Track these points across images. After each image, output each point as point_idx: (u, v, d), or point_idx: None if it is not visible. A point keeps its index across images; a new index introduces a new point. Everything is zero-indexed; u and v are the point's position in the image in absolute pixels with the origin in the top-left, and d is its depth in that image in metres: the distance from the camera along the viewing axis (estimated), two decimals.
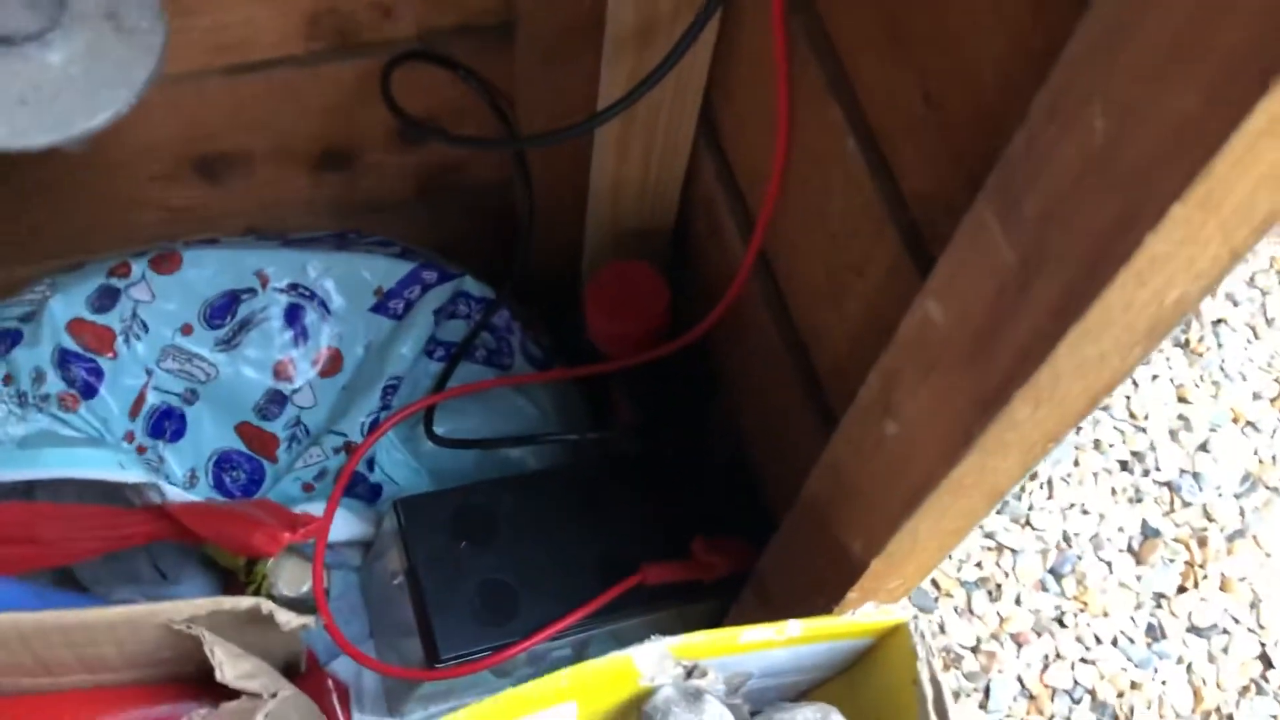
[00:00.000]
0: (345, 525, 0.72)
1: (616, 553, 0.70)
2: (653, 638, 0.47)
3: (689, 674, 0.48)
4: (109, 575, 0.75)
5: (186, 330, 0.75)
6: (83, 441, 0.70)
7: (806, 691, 0.55)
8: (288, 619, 0.58)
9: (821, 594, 0.55)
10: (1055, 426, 0.40)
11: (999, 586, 1.13)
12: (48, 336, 0.73)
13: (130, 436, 0.74)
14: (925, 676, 0.46)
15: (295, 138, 0.77)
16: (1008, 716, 1.08)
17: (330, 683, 0.72)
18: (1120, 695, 1.09)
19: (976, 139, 0.46)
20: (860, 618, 0.48)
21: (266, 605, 0.58)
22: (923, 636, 0.48)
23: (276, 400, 0.77)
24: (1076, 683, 1.10)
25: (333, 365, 0.79)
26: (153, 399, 0.75)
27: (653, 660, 0.47)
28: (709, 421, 0.78)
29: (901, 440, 0.45)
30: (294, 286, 0.77)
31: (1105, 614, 1.12)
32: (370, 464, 0.77)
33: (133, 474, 0.66)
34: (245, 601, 0.57)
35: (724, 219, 0.72)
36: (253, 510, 0.65)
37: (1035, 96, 0.33)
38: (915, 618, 0.48)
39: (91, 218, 0.78)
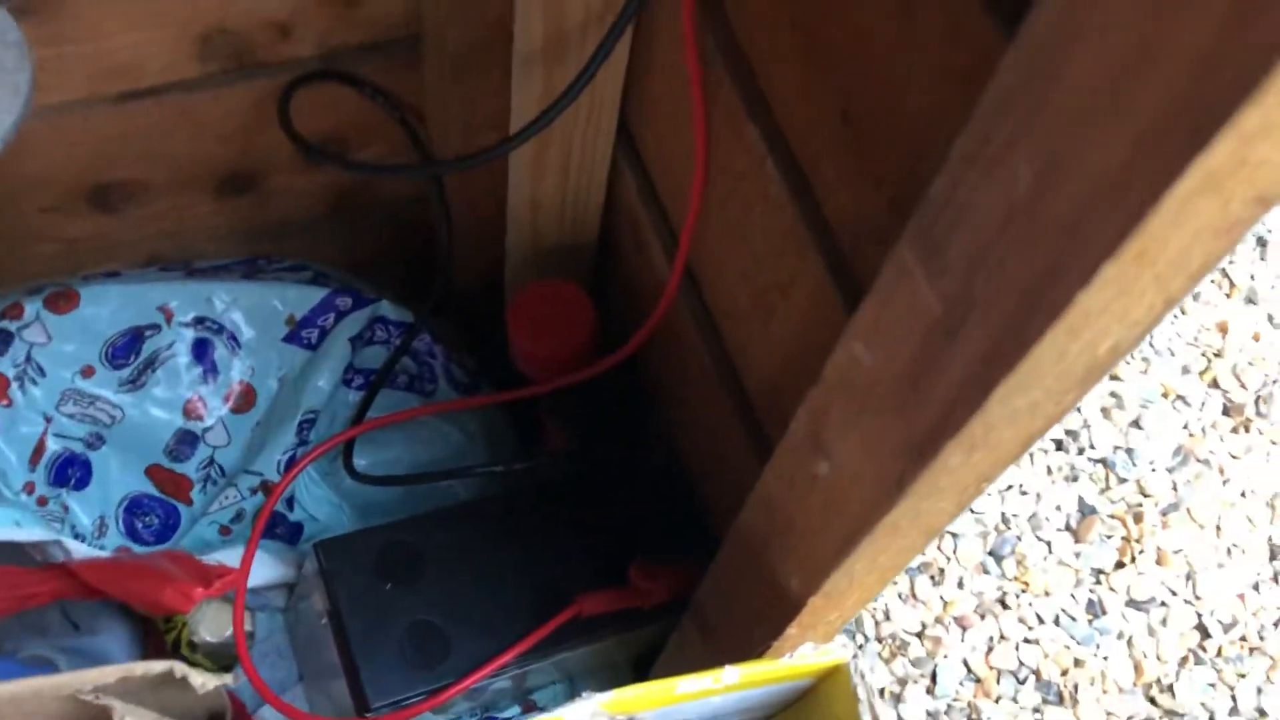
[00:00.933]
0: (265, 569, 0.69)
1: (551, 584, 0.68)
2: (583, 695, 0.45)
3: None
4: (17, 630, 0.71)
5: (87, 372, 0.72)
6: None
7: None
8: (203, 682, 0.55)
9: (759, 628, 0.54)
10: (989, 469, 0.38)
11: (941, 571, 1.13)
12: None
13: (30, 487, 0.70)
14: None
15: (194, 163, 0.73)
16: (955, 700, 1.08)
17: None
18: (1064, 673, 1.10)
19: (898, 162, 0.44)
20: (798, 660, 0.47)
21: (180, 669, 0.55)
22: (863, 677, 0.46)
23: (187, 440, 0.74)
24: (1021, 663, 1.10)
25: (245, 400, 0.75)
26: (53, 446, 0.71)
27: (583, 719, 0.45)
28: (643, 439, 0.76)
29: (834, 481, 0.43)
30: (200, 320, 0.74)
31: (1046, 593, 1.13)
32: (290, 502, 0.74)
33: (30, 532, 0.63)
34: (157, 666, 0.54)
35: (648, 235, 0.69)
36: (163, 564, 0.62)
37: (956, 139, 0.31)
38: (855, 657, 0.46)
39: None
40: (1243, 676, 1.10)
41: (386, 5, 0.67)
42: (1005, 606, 1.12)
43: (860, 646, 1.06)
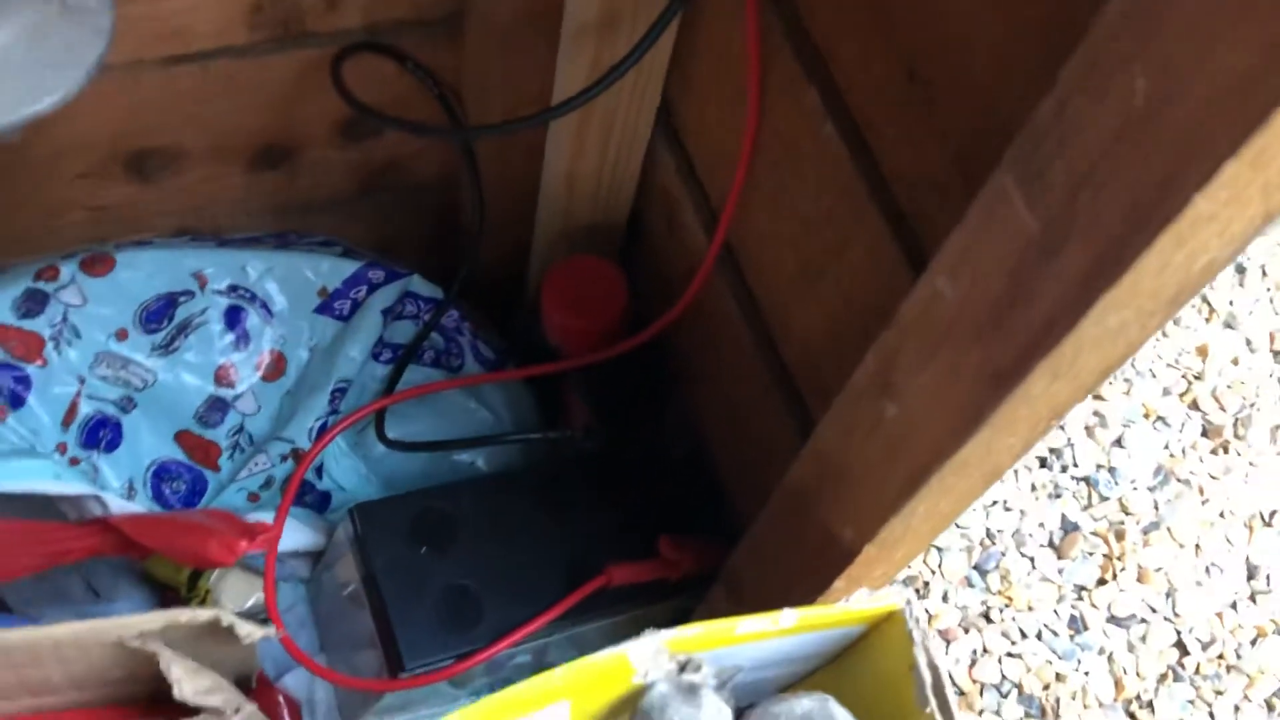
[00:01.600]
0: (295, 535, 0.69)
1: (580, 554, 0.69)
2: (647, 632, 0.46)
3: (682, 668, 0.47)
4: (37, 595, 0.71)
5: (121, 335, 0.72)
6: (12, 452, 0.66)
7: (796, 683, 0.54)
8: (249, 631, 0.55)
9: (803, 584, 0.55)
10: (1066, 401, 0.40)
11: (926, 584, 1.14)
12: None
13: (63, 448, 0.70)
14: (923, 661, 0.46)
15: (232, 133, 0.74)
16: None
17: (281, 698, 0.69)
18: (1046, 687, 1.11)
19: (966, 116, 0.46)
20: (854, 605, 0.48)
21: (227, 617, 0.55)
22: (917, 622, 0.47)
23: (218, 407, 0.74)
24: (1004, 677, 1.11)
25: (276, 369, 0.76)
26: (86, 408, 0.71)
27: (648, 655, 0.46)
28: (666, 417, 0.77)
29: (902, 421, 0.44)
30: (234, 288, 0.74)
31: (1029, 608, 1.14)
32: (319, 471, 0.74)
33: (71, 485, 0.63)
34: (204, 614, 0.55)
35: (684, 212, 0.71)
36: (203, 519, 0.62)
37: (1064, 64, 0.33)
38: (909, 603, 0.48)
39: (11, 222, 0.74)
40: (1220, 694, 1.12)
41: None
42: (989, 620, 1.13)
43: None
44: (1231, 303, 1.35)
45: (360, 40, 0.70)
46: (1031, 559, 1.17)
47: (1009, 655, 1.12)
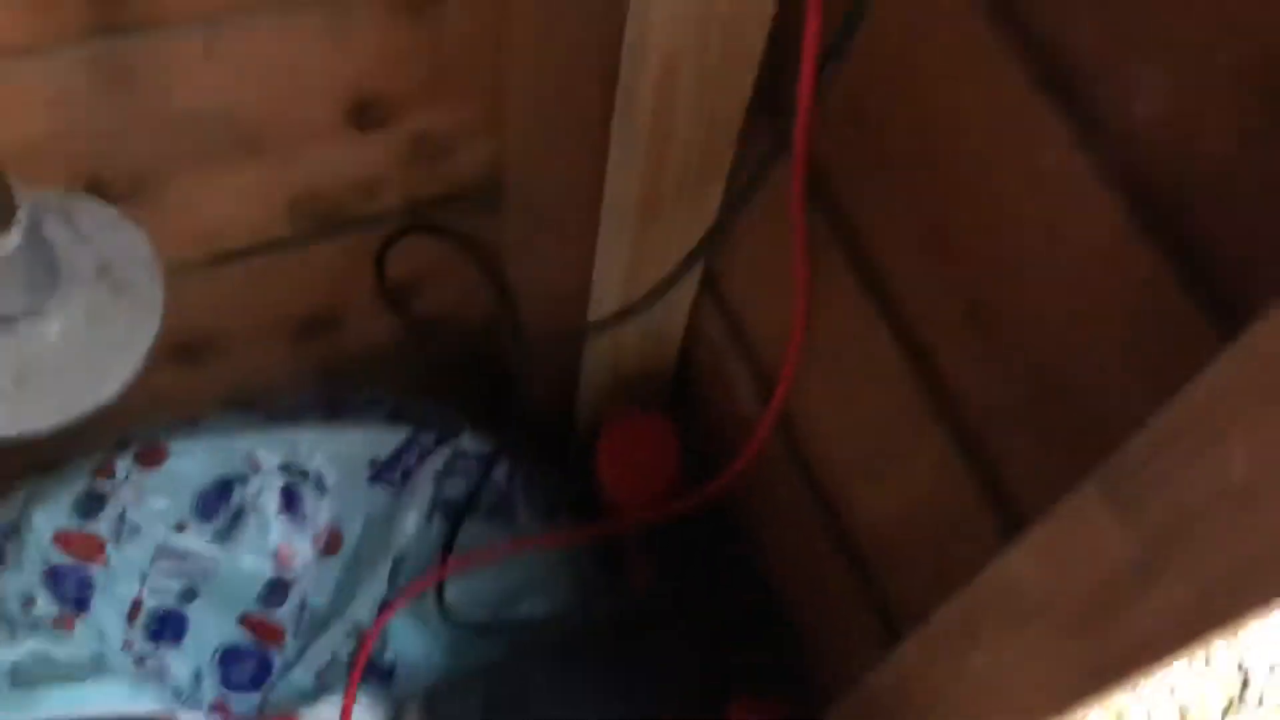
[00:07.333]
0: None
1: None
2: None
3: None
4: None
5: (181, 528, 0.72)
6: (84, 668, 0.66)
7: None
8: None
9: None
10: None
11: None
12: (33, 555, 0.69)
13: (129, 645, 0.70)
14: None
15: (278, 313, 0.74)
16: None
17: None
18: None
19: (1039, 363, 0.44)
20: None
21: None
22: None
23: (279, 588, 0.74)
24: None
25: (333, 544, 0.76)
26: (150, 603, 0.71)
27: None
28: (732, 569, 0.76)
29: (993, 675, 0.44)
30: (286, 467, 0.74)
31: None
32: (382, 644, 0.74)
33: (144, 705, 0.63)
34: None
35: (732, 369, 0.70)
36: None
37: (1160, 410, 0.32)
38: None
39: None
40: None
41: (471, 160, 0.68)
42: None
43: None
44: None
45: (403, 226, 0.70)
46: None
47: None
